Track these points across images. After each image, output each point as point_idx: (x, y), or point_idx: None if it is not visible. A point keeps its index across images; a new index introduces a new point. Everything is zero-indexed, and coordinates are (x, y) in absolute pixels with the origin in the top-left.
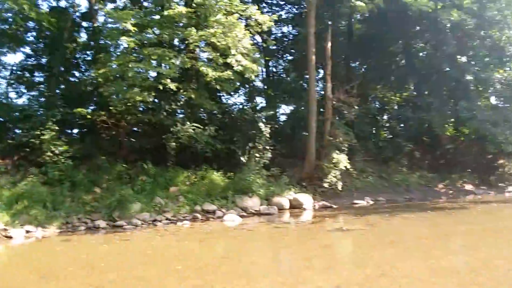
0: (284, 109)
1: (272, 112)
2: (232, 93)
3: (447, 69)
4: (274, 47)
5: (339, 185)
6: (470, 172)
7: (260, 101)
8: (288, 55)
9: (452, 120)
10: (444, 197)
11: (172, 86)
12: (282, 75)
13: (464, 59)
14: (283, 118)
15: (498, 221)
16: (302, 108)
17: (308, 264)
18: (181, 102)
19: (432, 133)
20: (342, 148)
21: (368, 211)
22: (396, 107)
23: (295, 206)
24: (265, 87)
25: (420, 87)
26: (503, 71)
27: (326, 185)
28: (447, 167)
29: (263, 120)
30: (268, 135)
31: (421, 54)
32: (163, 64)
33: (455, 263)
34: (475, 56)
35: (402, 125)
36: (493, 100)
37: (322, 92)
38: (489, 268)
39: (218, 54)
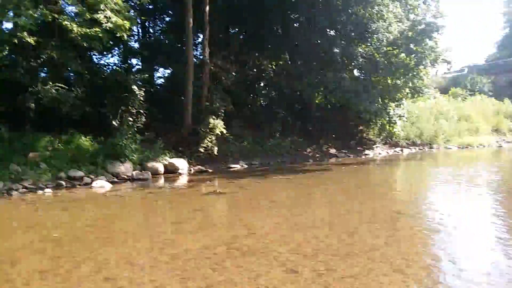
0: (162, 72)
1: (147, 75)
2: (104, 53)
3: (318, 41)
4: (151, 7)
5: (215, 150)
6: (334, 138)
7: (136, 62)
8: (166, 16)
9: (321, 89)
10: (311, 160)
11: (31, 40)
12: (160, 36)
13: (332, 33)
14: (160, 81)
15: (354, 181)
16: (180, 72)
17: (178, 228)
18: (43, 60)
19: (303, 101)
20: (219, 113)
21: (242, 175)
22: (272, 75)
23: (171, 171)
24: (141, 48)
25: (294, 57)
26: (365, 46)
27: (202, 150)
28: (315, 132)
29: (138, 82)
30: (142, 99)
31: (295, 25)
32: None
33: (314, 218)
34: (342, 31)
35: (276, 92)
36: (355, 72)
37: (201, 57)
38: (341, 220)
39: (85, 8)
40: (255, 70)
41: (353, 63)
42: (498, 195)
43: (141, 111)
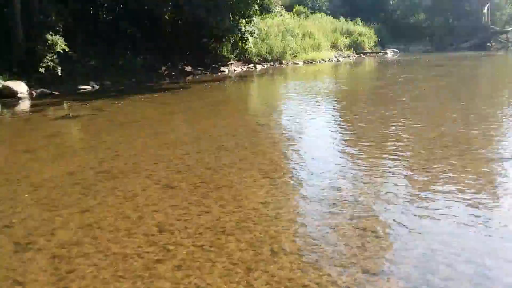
0: None
1: None
2: None
3: None
4: None
5: (59, 70)
6: (189, 55)
7: None
8: None
9: (170, 3)
10: (168, 78)
11: None
12: None
13: None
14: None
15: (214, 97)
16: None
17: (32, 157)
18: None
19: (153, 17)
20: (57, 28)
21: (95, 96)
22: None
23: (8, 96)
24: None
25: None
26: None
27: (42, 70)
28: (169, 50)
29: None
30: None
31: None
32: None
33: (180, 135)
34: None
35: (122, 7)
36: None
37: None
38: (207, 136)
39: None
40: None
41: None
42: (343, 103)
43: None
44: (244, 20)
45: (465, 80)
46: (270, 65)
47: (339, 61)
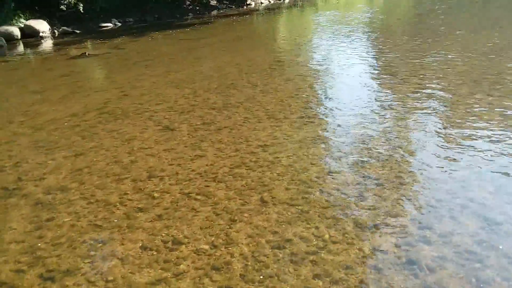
0: None
1: None
2: None
3: None
4: None
5: (81, 7)
6: None
7: None
8: None
9: None
10: (191, 14)
11: None
12: None
13: None
14: None
15: (236, 32)
16: None
17: (41, 97)
18: None
19: None
20: None
21: (115, 34)
22: None
23: (30, 35)
24: None
25: None
26: None
27: (64, 7)
28: None
29: None
30: None
31: None
32: None
33: (192, 73)
34: None
35: None
36: None
37: None
38: (219, 74)
39: None
40: None
41: None
42: (373, 35)
43: None
44: None
45: (510, 8)
46: None
47: None
